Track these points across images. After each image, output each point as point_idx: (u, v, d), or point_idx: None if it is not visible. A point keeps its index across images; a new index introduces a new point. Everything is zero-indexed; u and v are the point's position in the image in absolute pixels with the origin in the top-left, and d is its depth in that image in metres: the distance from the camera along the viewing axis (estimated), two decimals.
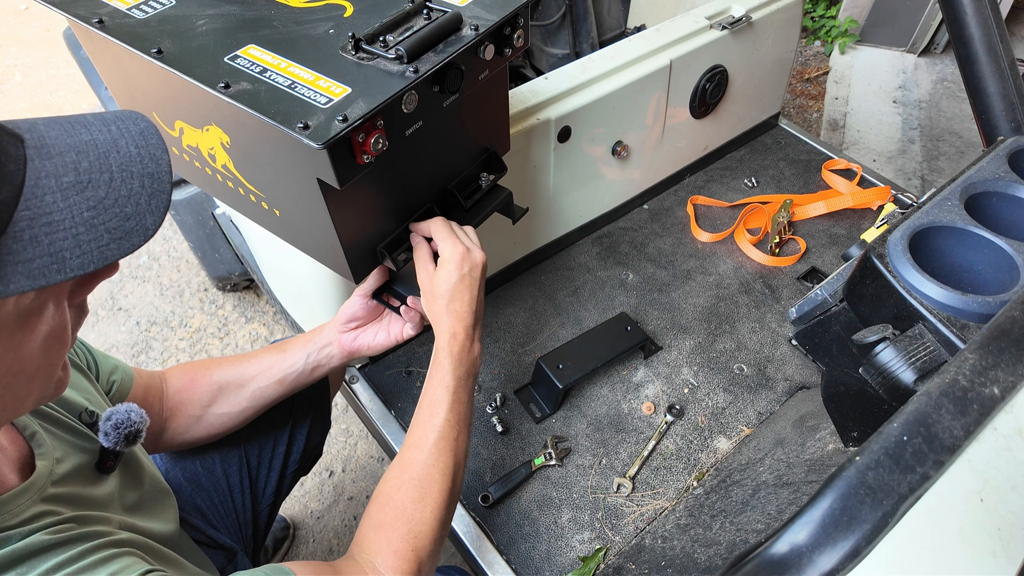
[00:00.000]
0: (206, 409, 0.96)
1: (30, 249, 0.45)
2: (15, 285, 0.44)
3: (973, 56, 1.08)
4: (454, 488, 0.81)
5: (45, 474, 0.64)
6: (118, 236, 0.48)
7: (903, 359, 0.73)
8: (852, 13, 2.94)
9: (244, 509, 1.06)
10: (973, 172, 0.90)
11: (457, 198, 0.95)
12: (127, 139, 0.52)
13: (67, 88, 3.01)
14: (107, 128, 0.52)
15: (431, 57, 0.71)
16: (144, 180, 0.51)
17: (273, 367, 0.98)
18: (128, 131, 0.53)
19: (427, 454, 0.80)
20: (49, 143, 0.49)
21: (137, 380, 0.90)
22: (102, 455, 0.72)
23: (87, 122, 0.52)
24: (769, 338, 1.38)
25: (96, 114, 0.54)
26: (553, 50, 1.93)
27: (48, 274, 0.45)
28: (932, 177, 2.38)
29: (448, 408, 0.83)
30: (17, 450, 0.64)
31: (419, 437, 0.82)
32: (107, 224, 0.48)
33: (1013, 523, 0.52)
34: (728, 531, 0.99)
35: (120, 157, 0.51)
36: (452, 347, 0.85)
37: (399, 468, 0.80)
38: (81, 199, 0.47)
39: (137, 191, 0.50)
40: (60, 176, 0.48)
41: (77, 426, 0.73)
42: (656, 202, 1.68)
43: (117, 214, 0.49)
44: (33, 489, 0.61)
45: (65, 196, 0.47)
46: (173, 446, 0.98)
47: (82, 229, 0.47)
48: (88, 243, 0.47)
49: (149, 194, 0.51)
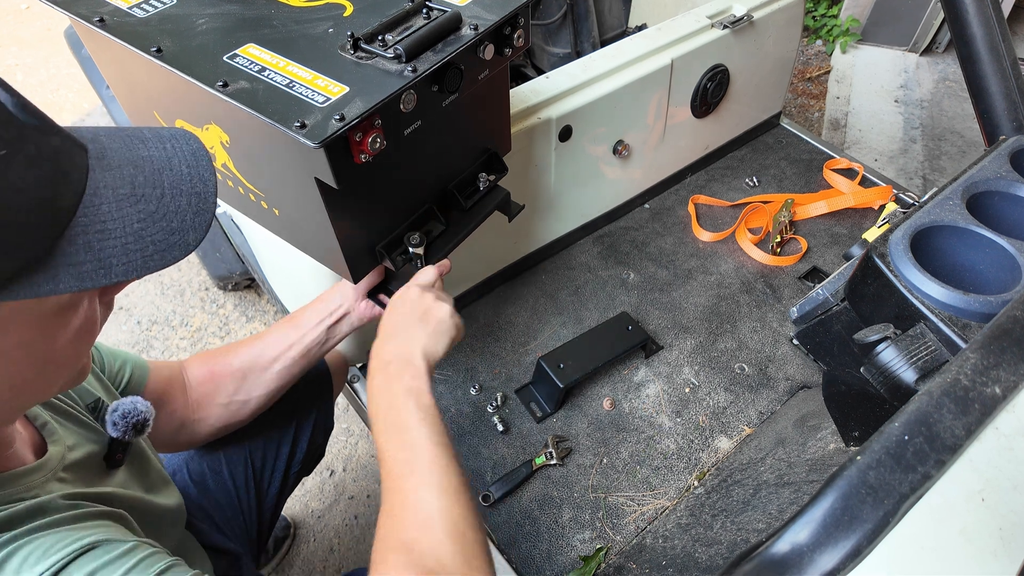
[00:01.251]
0: (233, 396, 0.97)
1: (82, 253, 0.47)
2: (64, 285, 0.46)
3: (975, 55, 1.07)
4: (468, 509, 0.66)
5: (57, 457, 0.65)
6: (162, 248, 0.51)
7: (904, 358, 0.72)
8: (854, 12, 2.93)
9: (250, 510, 1.07)
10: (975, 171, 0.90)
11: (457, 198, 0.95)
12: (180, 158, 0.55)
13: (68, 87, 3.01)
14: (163, 145, 0.55)
15: (430, 57, 0.71)
16: (192, 198, 0.54)
17: (293, 344, 0.98)
18: (181, 150, 0.56)
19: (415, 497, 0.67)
20: (109, 155, 0.52)
21: (156, 373, 0.90)
22: (111, 447, 0.73)
23: (144, 137, 0.55)
24: (770, 337, 1.37)
25: (153, 129, 0.57)
26: (554, 49, 1.93)
27: (94, 278, 0.47)
28: (934, 176, 2.38)
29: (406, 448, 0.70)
30: (30, 436, 0.66)
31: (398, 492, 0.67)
32: (153, 236, 0.51)
33: (1014, 522, 0.52)
34: (729, 530, 0.99)
35: (172, 175, 0.54)
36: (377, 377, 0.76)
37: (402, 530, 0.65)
38: (133, 211, 0.50)
39: (184, 208, 0.53)
40: (117, 188, 0.50)
41: (86, 419, 0.74)
42: (657, 201, 1.68)
43: (164, 228, 0.51)
44: (47, 468, 0.63)
45: (120, 207, 0.50)
46: (206, 436, 0.98)
47: (131, 239, 0.49)
48: (134, 252, 0.49)
49: (195, 212, 0.53)
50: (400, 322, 0.80)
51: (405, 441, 0.68)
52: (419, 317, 0.80)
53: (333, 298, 0.99)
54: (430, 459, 0.66)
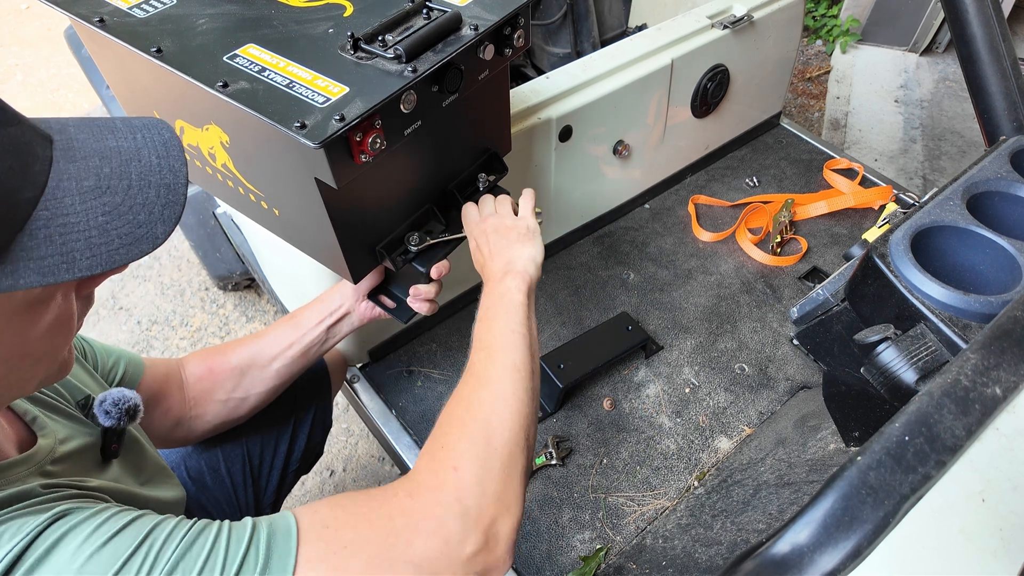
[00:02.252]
0: (231, 393, 0.97)
1: (44, 247, 0.46)
2: (24, 280, 0.46)
3: (975, 55, 1.07)
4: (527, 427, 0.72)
5: (46, 450, 0.65)
6: (128, 242, 0.50)
7: (905, 359, 0.72)
8: (854, 12, 2.93)
9: (247, 508, 1.07)
10: (975, 172, 0.90)
11: (457, 198, 0.94)
12: (150, 148, 0.54)
13: (68, 87, 3.01)
14: (133, 136, 0.54)
15: (430, 57, 0.71)
16: (160, 190, 0.53)
17: (293, 343, 0.98)
18: (152, 140, 0.55)
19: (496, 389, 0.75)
20: (76, 146, 0.51)
21: (152, 370, 0.90)
22: (105, 438, 0.73)
23: (115, 127, 0.54)
24: (770, 338, 1.37)
25: (125, 119, 0.56)
26: (554, 49, 1.93)
27: (57, 272, 0.47)
28: (934, 177, 2.37)
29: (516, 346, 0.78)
30: (17, 432, 0.65)
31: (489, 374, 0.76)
32: (119, 230, 0.50)
33: (1015, 523, 0.52)
34: (729, 531, 0.99)
35: (141, 166, 0.53)
36: (504, 284, 0.82)
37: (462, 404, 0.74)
38: (98, 204, 0.49)
39: (152, 200, 0.52)
40: (81, 180, 0.49)
41: (76, 414, 0.74)
42: (657, 201, 1.68)
43: (130, 221, 0.50)
44: (32, 461, 0.62)
45: (83, 199, 0.49)
46: (203, 433, 0.99)
47: (95, 232, 0.49)
48: (99, 246, 0.49)
49: (163, 204, 0.52)
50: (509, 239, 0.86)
51: (491, 326, 0.79)
52: (519, 236, 0.86)
53: (333, 298, 0.99)
54: (503, 342, 0.76)
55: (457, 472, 0.63)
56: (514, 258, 0.84)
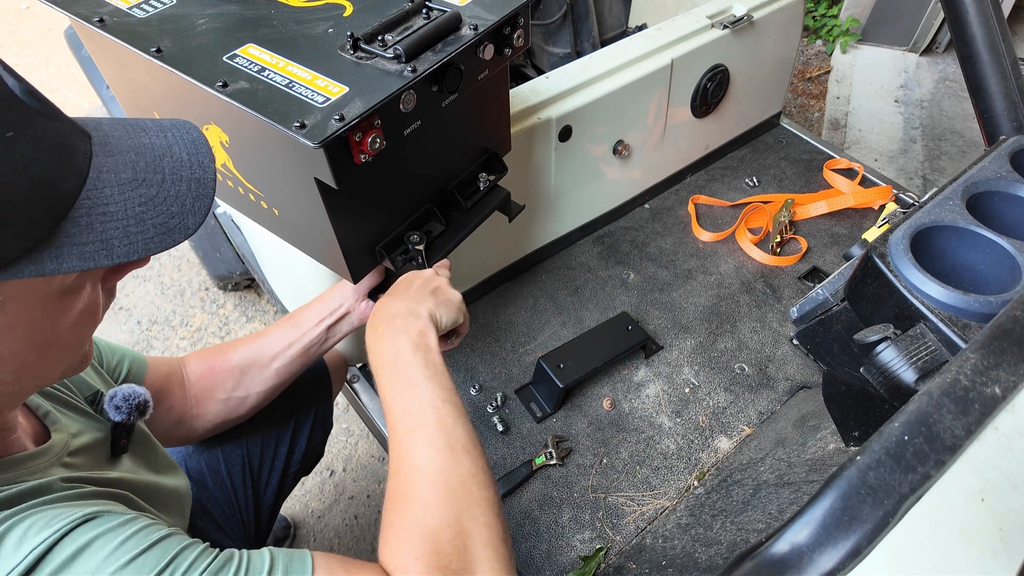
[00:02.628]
0: (232, 392, 0.97)
1: (84, 234, 0.49)
2: (68, 264, 0.48)
3: (975, 55, 1.07)
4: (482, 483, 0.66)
5: (61, 443, 0.66)
6: (162, 231, 0.53)
7: (904, 359, 0.72)
8: (854, 12, 2.93)
9: (247, 508, 1.07)
10: (975, 171, 0.90)
11: (457, 198, 0.94)
12: (180, 145, 0.57)
13: (68, 87, 3.01)
14: (163, 134, 0.57)
15: (430, 57, 0.71)
16: (191, 184, 0.55)
17: (293, 343, 0.98)
18: (182, 138, 0.57)
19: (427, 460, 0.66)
20: (112, 142, 0.54)
21: (154, 368, 0.91)
22: (115, 433, 0.74)
23: (146, 127, 0.57)
24: (770, 337, 1.37)
25: (154, 120, 0.59)
26: (554, 49, 1.93)
27: (96, 258, 0.49)
28: (934, 176, 2.37)
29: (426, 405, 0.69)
30: (32, 426, 0.67)
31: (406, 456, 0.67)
32: (154, 220, 0.52)
33: (1014, 523, 0.52)
34: (729, 531, 0.99)
35: (172, 161, 0.55)
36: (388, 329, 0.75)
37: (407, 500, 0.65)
38: (135, 195, 0.52)
39: (184, 193, 0.55)
40: (119, 172, 0.52)
41: (86, 409, 0.75)
42: (657, 201, 1.68)
43: (164, 212, 0.53)
44: (50, 453, 0.64)
45: (122, 191, 0.52)
46: (204, 432, 0.99)
47: (132, 222, 0.51)
48: (136, 235, 0.51)
49: (194, 197, 0.55)
50: (411, 288, 0.80)
51: (411, 397, 0.68)
52: (431, 290, 0.80)
53: (333, 298, 0.99)
54: (438, 417, 0.66)
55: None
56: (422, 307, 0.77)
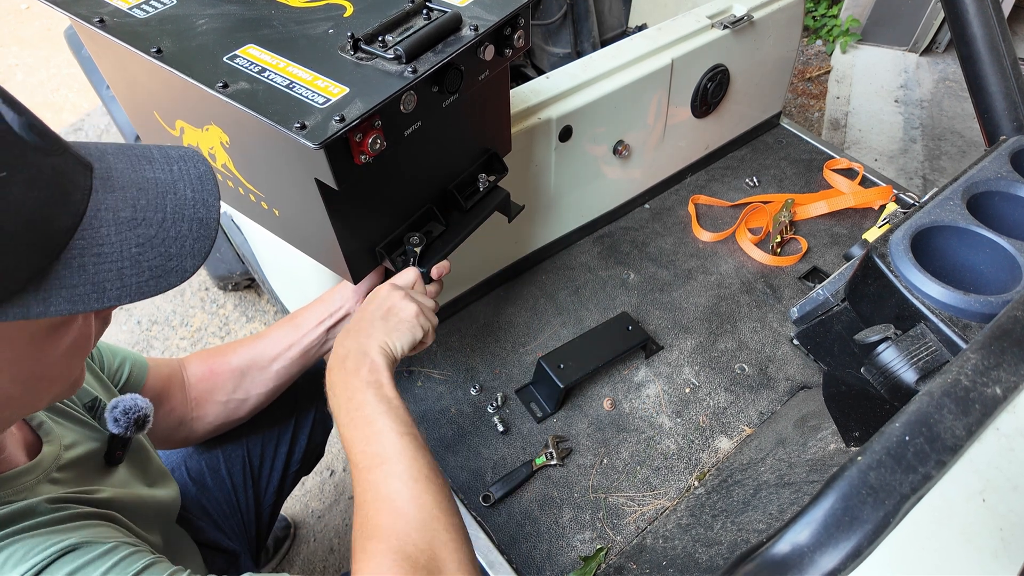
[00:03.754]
0: (231, 394, 0.97)
1: (76, 276, 0.47)
2: (55, 308, 0.46)
3: (975, 55, 1.07)
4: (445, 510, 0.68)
5: (51, 457, 0.65)
6: (157, 275, 0.50)
7: (905, 359, 0.72)
8: (854, 12, 2.93)
9: (248, 508, 1.07)
10: (975, 172, 0.90)
11: (457, 199, 0.95)
12: (185, 182, 0.54)
13: (68, 87, 3.01)
14: (169, 167, 0.55)
15: (430, 57, 0.71)
16: (193, 224, 0.53)
17: (293, 344, 0.98)
18: (188, 173, 0.55)
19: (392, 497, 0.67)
20: (115, 176, 0.51)
21: (155, 370, 0.90)
22: (111, 444, 0.73)
23: (152, 157, 0.55)
24: (770, 338, 1.37)
25: (161, 148, 0.56)
26: (554, 49, 1.93)
27: (87, 302, 0.47)
28: (934, 177, 2.37)
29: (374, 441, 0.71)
30: (24, 436, 0.66)
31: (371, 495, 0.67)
32: (150, 262, 0.50)
33: (1015, 523, 0.52)
34: (729, 531, 0.99)
35: (176, 199, 0.53)
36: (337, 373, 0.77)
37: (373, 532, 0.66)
38: (132, 235, 0.50)
39: (184, 234, 0.52)
40: (118, 210, 0.50)
41: (84, 417, 0.74)
42: (657, 201, 1.68)
43: (162, 253, 0.51)
44: (38, 470, 0.62)
45: (119, 231, 0.49)
46: (204, 434, 0.99)
47: (127, 264, 0.49)
48: (129, 277, 0.49)
49: (195, 238, 0.53)
50: (362, 318, 0.81)
51: (370, 434, 0.69)
52: (381, 315, 0.80)
53: (333, 299, 0.99)
54: (398, 450, 0.68)
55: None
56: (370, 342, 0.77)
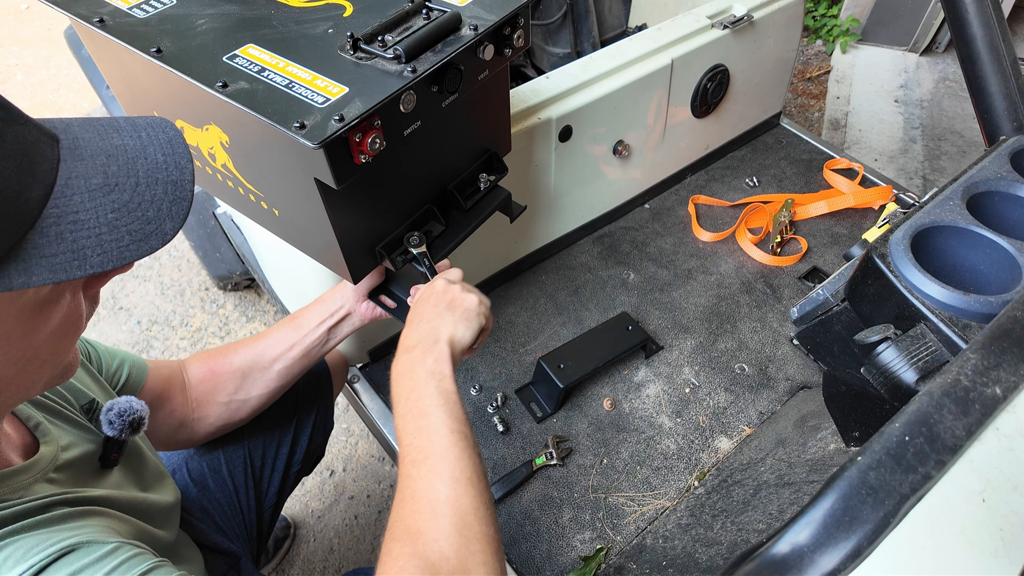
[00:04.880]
0: (233, 395, 0.97)
1: (54, 245, 0.47)
2: (37, 278, 0.46)
3: (975, 55, 1.07)
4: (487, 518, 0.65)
5: (49, 457, 0.65)
6: (138, 238, 0.50)
7: (905, 359, 0.72)
8: (854, 12, 2.93)
9: (249, 509, 1.07)
10: (975, 172, 0.90)
11: (457, 199, 0.94)
12: (155, 146, 0.54)
13: (68, 87, 3.01)
14: (137, 134, 0.54)
15: (430, 57, 0.71)
16: (168, 187, 0.53)
17: (294, 344, 0.98)
18: (157, 138, 0.55)
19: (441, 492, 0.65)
20: (82, 145, 0.51)
21: (155, 371, 0.90)
22: (106, 446, 0.73)
23: (119, 126, 0.54)
24: (770, 338, 1.37)
25: (128, 119, 0.56)
26: (554, 49, 1.93)
27: (69, 270, 0.47)
28: (934, 177, 2.37)
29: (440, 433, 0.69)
30: (21, 438, 0.65)
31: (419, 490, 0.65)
32: (129, 226, 0.50)
33: (1015, 523, 0.52)
34: (729, 531, 0.99)
35: (147, 163, 0.53)
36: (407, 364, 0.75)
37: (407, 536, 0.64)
38: (107, 201, 0.49)
39: (160, 197, 0.52)
40: (89, 178, 0.50)
41: (79, 419, 0.73)
42: (657, 201, 1.68)
43: (139, 217, 0.50)
44: (35, 469, 0.62)
45: (92, 197, 0.49)
46: (205, 435, 0.99)
47: (105, 230, 0.49)
48: (109, 243, 0.49)
49: (171, 200, 0.52)
50: (426, 310, 0.79)
51: (422, 426, 0.67)
52: (446, 305, 0.79)
53: (334, 299, 0.99)
54: (445, 447, 0.65)
55: None
56: (440, 330, 0.76)
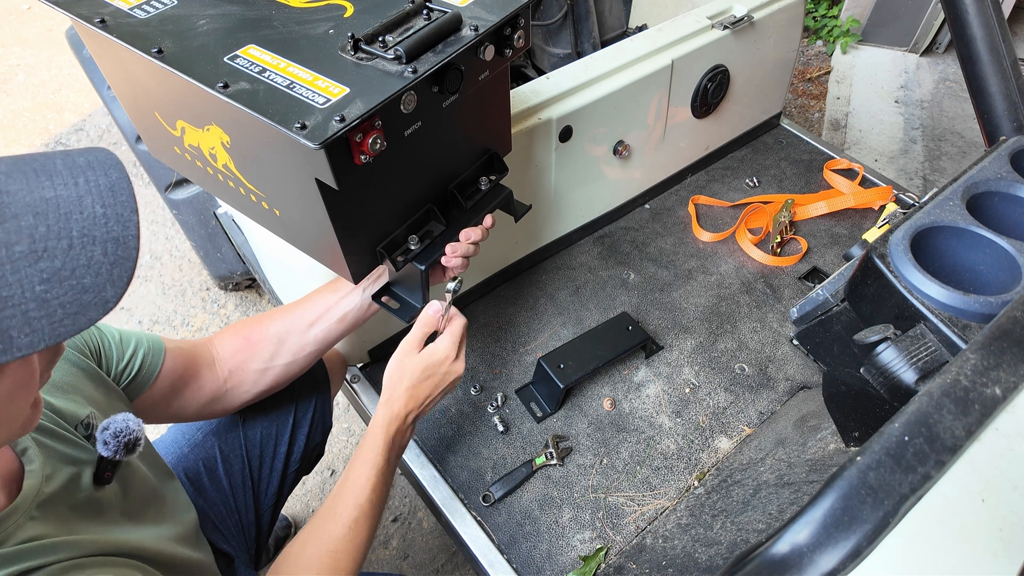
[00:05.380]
0: (270, 362, 0.97)
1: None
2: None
3: (975, 56, 1.07)
4: (362, 562, 0.85)
5: (31, 495, 0.62)
6: (72, 311, 0.44)
7: (904, 359, 0.72)
8: (854, 13, 2.93)
9: (247, 509, 1.07)
10: (975, 172, 0.90)
11: (457, 199, 0.95)
12: (93, 196, 0.47)
13: (69, 87, 3.02)
14: (74, 180, 0.47)
15: (430, 57, 0.71)
16: (107, 246, 0.46)
17: (332, 307, 0.98)
18: (97, 184, 0.48)
19: (345, 530, 0.83)
20: (7, 201, 0.45)
21: (175, 351, 0.89)
22: (100, 465, 0.71)
23: (54, 170, 0.48)
24: (770, 338, 1.37)
25: (66, 157, 0.49)
26: (555, 50, 1.93)
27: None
28: (934, 177, 2.38)
29: (372, 489, 0.85)
30: (6, 466, 0.63)
31: (339, 512, 0.84)
32: (61, 298, 0.43)
33: (1015, 523, 0.52)
34: (729, 531, 0.99)
35: (83, 219, 0.46)
36: (391, 428, 0.88)
37: (316, 539, 0.82)
38: (34, 271, 0.43)
39: (99, 259, 0.45)
40: (12, 245, 0.43)
41: (74, 438, 0.71)
42: (657, 202, 1.68)
43: (74, 286, 0.44)
44: (19, 512, 0.60)
45: (15, 268, 0.43)
46: (243, 403, 1.00)
47: (32, 305, 0.43)
48: (38, 320, 0.43)
49: (111, 262, 0.46)
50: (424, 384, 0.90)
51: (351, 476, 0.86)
52: (440, 385, 0.91)
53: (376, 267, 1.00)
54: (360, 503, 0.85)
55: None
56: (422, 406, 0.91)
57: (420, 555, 1.62)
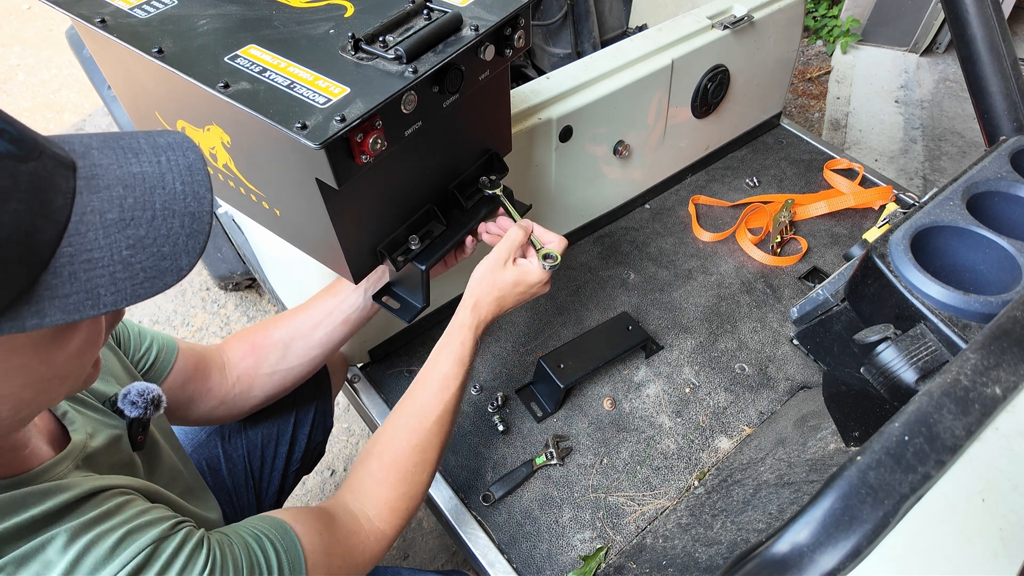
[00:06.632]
0: (277, 367, 0.99)
1: (68, 285, 0.45)
2: (51, 319, 0.45)
3: (975, 55, 1.07)
4: (442, 458, 0.91)
5: (80, 446, 0.66)
6: (152, 275, 0.48)
7: (905, 359, 0.72)
8: (854, 12, 2.93)
9: (249, 508, 1.07)
10: (975, 172, 0.90)
11: (458, 198, 0.95)
12: (174, 174, 0.52)
13: (69, 87, 3.01)
14: (157, 159, 0.52)
15: (431, 57, 0.71)
16: (185, 219, 0.51)
17: (334, 310, 1.00)
18: (177, 164, 0.53)
19: (433, 423, 0.87)
20: (99, 173, 0.49)
21: (186, 352, 0.91)
22: (131, 429, 0.74)
23: (139, 149, 0.52)
24: (770, 338, 1.37)
25: (149, 137, 0.54)
26: (555, 50, 1.93)
27: (82, 309, 0.46)
28: (934, 177, 2.38)
29: (459, 385, 0.90)
30: (47, 426, 0.66)
31: (428, 405, 0.88)
32: (143, 263, 0.48)
33: (1015, 523, 0.52)
34: (729, 530, 0.99)
35: (165, 194, 0.51)
36: (479, 330, 0.92)
37: (406, 431, 0.87)
38: (122, 237, 0.48)
39: (177, 231, 0.50)
40: (105, 212, 0.48)
41: (105, 409, 0.75)
42: (657, 202, 1.68)
43: (154, 253, 0.49)
44: (70, 458, 0.63)
45: (107, 233, 0.47)
46: (251, 408, 1.01)
47: (119, 267, 0.47)
48: (123, 281, 0.47)
49: (188, 234, 0.51)
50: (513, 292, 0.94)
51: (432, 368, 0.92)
52: (525, 294, 0.95)
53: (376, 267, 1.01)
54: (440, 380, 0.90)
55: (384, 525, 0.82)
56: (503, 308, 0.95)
57: (420, 555, 1.62)
